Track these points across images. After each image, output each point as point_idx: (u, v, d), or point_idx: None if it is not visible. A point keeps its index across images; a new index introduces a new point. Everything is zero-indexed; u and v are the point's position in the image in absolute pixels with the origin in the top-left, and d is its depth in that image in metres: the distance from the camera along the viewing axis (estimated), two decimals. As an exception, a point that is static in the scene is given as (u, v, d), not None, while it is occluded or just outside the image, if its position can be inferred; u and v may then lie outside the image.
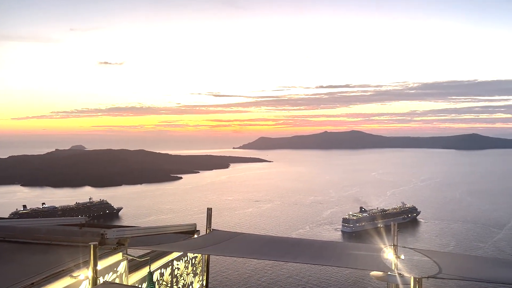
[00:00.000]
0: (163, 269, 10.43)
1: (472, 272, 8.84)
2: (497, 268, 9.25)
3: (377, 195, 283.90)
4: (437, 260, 8.26)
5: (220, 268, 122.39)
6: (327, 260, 9.77)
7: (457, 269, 8.74)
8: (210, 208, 12.15)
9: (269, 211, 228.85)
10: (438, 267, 7.85)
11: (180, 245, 10.79)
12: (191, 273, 11.82)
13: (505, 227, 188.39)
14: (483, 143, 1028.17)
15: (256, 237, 11.87)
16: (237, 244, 10.98)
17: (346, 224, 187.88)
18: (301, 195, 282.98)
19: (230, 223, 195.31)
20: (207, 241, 11.01)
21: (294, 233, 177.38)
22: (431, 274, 7.37)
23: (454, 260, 9.79)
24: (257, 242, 11.43)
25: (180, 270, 11.21)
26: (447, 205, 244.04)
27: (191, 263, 11.75)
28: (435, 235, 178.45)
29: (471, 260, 10.92)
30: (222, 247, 10.45)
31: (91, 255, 7.59)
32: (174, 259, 10.90)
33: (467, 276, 8.52)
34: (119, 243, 9.19)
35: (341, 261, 9.67)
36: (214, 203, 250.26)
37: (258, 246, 10.95)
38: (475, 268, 9.17)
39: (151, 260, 9.82)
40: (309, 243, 11.32)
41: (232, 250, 10.89)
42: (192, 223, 12.18)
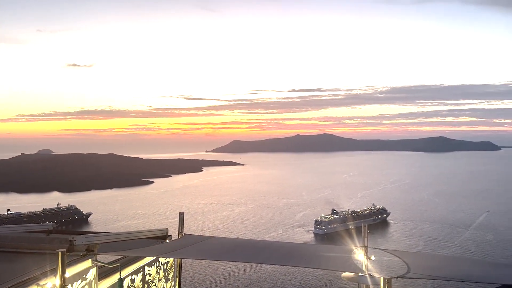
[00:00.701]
0: (134, 275, 10.25)
1: (440, 271, 9.12)
2: (463, 266, 9.58)
3: (348, 197, 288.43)
4: (406, 260, 8.48)
5: (193, 273, 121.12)
6: (298, 261, 9.87)
7: (425, 268, 9.00)
8: (182, 213, 12.06)
9: (242, 214, 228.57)
10: (407, 267, 8.06)
11: (151, 250, 10.65)
12: (163, 279, 11.66)
13: (470, 227, 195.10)
14: (449, 146, 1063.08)
15: (228, 240, 11.88)
16: (209, 247, 10.96)
17: (318, 226, 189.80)
18: (274, 198, 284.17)
19: (203, 227, 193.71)
20: (179, 246, 10.93)
21: (267, 236, 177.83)
22: (400, 274, 7.56)
23: (422, 260, 10.08)
24: (229, 245, 11.46)
25: (151, 275, 11.04)
26: (416, 206, 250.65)
27: (163, 269, 11.60)
28: (404, 236, 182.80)
29: (438, 259, 11.27)
30: (194, 251, 10.40)
31: (58, 262, 7.37)
32: (146, 264, 10.73)
33: (435, 275, 8.78)
34: (88, 250, 8.98)
35: (312, 263, 9.79)
36: (187, 207, 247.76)
37: (230, 248, 10.98)
38: (442, 267, 9.47)
39: (121, 266, 9.63)
40: (281, 245, 11.40)
41: (204, 253, 10.88)
42: (163, 228, 12.04)
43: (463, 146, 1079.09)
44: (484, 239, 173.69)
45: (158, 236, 11.93)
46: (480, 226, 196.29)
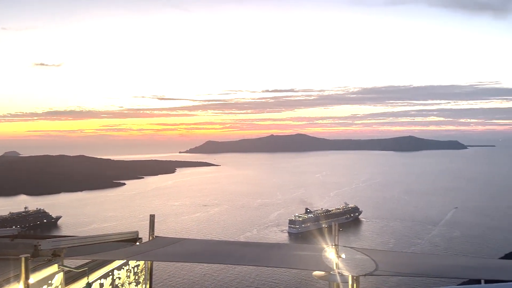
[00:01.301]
0: (103, 279, 10.01)
1: (407, 267, 9.35)
2: (430, 263, 9.85)
3: (321, 196, 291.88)
4: (374, 257, 8.65)
5: (164, 275, 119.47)
6: (270, 262, 9.90)
7: (393, 265, 9.22)
8: (153, 215, 11.86)
9: (216, 215, 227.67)
10: (375, 265, 8.22)
11: (120, 253, 10.43)
12: (134, 282, 11.44)
13: (438, 224, 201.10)
14: (418, 145, 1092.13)
15: (200, 242, 11.78)
16: (181, 250, 10.83)
17: (292, 225, 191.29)
18: (249, 198, 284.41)
19: (176, 229, 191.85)
20: (149, 248, 10.75)
21: (242, 236, 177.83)
22: (369, 271, 7.69)
23: (390, 257, 10.31)
24: (201, 247, 11.36)
25: (121, 279, 10.81)
26: (387, 204, 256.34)
27: (133, 272, 11.38)
28: (376, 234, 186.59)
29: (406, 257, 11.55)
30: (165, 253, 10.26)
31: (22, 268, 7.13)
32: (115, 268, 10.50)
33: (402, 271, 8.98)
34: (55, 254, 8.72)
35: (284, 262, 9.85)
36: (160, 209, 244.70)
37: (202, 250, 10.88)
38: (410, 263, 9.72)
39: (89, 270, 9.39)
40: (253, 246, 11.39)
41: (175, 256, 10.73)
42: (134, 231, 11.80)
43: (432, 145, 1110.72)
44: (452, 235, 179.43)
45: (128, 239, 11.69)
46: (448, 223, 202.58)
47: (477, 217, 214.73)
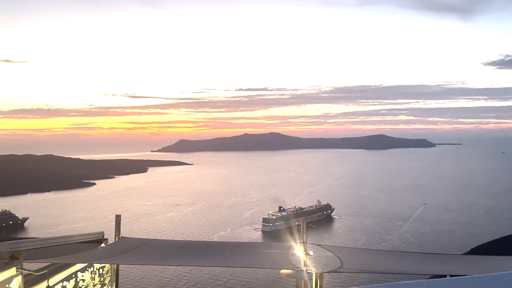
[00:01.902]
0: (65, 282, 9.65)
1: (372, 265, 9.47)
2: (394, 260, 10.00)
3: (295, 194, 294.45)
4: (340, 255, 8.71)
5: (133, 276, 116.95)
6: (238, 262, 9.78)
7: (358, 262, 9.31)
8: (118, 215, 11.56)
9: (190, 215, 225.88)
10: (341, 262, 8.28)
11: (84, 256, 10.07)
12: (99, 284, 11.10)
13: (408, 220, 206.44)
14: (389, 143, 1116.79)
15: (168, 243, 11.52)
16: (148, 252, 10.55)
17: (266, 223, 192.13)
18: (223, 197, 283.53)
19: (148, 229, 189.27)
20: (114, 250, 10.42)
21: (216, 236, 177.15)
22: (333, 268, 7.73)
23: (356, 254, 10.40)
24: (169, 248, 11.08)
25: (85, 281, 10.47)
26: (358, 202, 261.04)
27: (98, 274, 11.03)
28: (348, 231, 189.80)
29: (371, 254, 11.70)
30: (131, 255, 9.96)
31: (-25, 272, 6.77)
32: (79, 270, 10.15)
33: (366, 269, 9.11)
34: (13, 257, 8.34)
35: (252, 262, 9.76)
36: (132, 209, 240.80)
37: (170, 252, 10.63)
38: (375, 260, 9.84)
39: (51, 273, 9.03)
40: (223, 245, 11.24)
41: (141, 258, 10.43)
42: (99, 232, 11.44)
43: (401, 143, 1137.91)
44: (421, 231, 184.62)
45: (92, 240, 11.33)
46: (417, 219, 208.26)
47: (444, 213, 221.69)
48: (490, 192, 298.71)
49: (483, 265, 10.47)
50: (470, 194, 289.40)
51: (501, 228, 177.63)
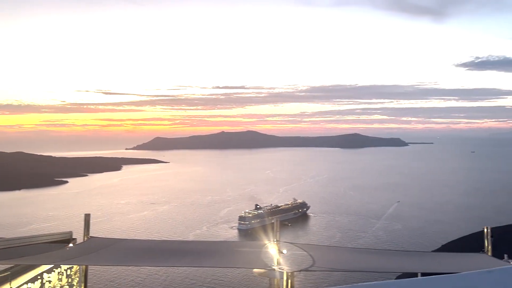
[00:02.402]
0: (30, 283, 9.21)
1: (343, 263, 9.48)
2: (365, 258, 10.05)
3: (271, 192, 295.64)
4: (312, 253, 8.66)
5: (103, 277, 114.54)
6: (210, 262, 9.58)
7: (329, 261, 9.30)
8: (88, 214, 11.16)
9: (165, 213, 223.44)
10: (312, 260, 8.24)
11: (50, 257, 9.63)
12: (66, 285, 10.67)
13: (381, 218, 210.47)
14: (363, 142, 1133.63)
15: (138, 242, 11.22)
16: (117, 252, 10.18)
17: (242, 221, 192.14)
18: (199, 195, 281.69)
19: (122, 228, 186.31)
20: (83, 250, 10.05)
21: (191, 234, 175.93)
22: (305, 267, 7.68)
23: (327, 253, 10.40)
24: (139, 248, 10.73)
25: (52, 283, 10.04)
26: (333, 200, 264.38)
27: (66, 275, 10.60)
28: (323, 228, 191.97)
29: (343, 252, 11.73)
30: (99, 256, 9.61)
31: None
32: (44, 271, 9.71)
33: (337, 267, 9.14)
34: (-28, 259, 7.92)
35: (224, 261, 9.60)
36: (105, 207, 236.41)
37: (140, 252, 10.29)
38: (347, 259, 9.86)
39: (14, 275, 8.59)
40: (195, 245, 11.05)
41: (110, 259, 10.06)
42: (67, 231, 11.02)
43: (375, 142, 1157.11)
44: (394, 228, 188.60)
45: (60, 240, 10.91)
46: (390, 217, 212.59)
47: (416, 211, 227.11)
48: (459, 190, 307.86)
49: (452, 262, 10.69)
50: (441, 192, 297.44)
51: (470, 225, 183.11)
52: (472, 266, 10.94)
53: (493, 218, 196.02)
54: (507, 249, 28.48)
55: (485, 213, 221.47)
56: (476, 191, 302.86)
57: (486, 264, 10.47)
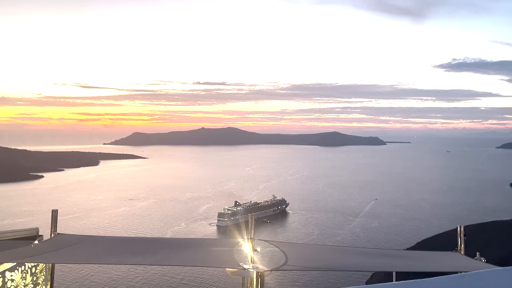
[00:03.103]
0: (-10, 282, 8.80)
1: (316, 261, 9.32)
2: (340, 256, 9.94)
3: (251, 189, 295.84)
4: (285, 251, 8.48)
5: (71, 274, 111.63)
6: (180, 260, 9.28)
7: (302, 259, 9.12)
8: (55, 210, 10.67)
9: (143, 210, 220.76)
10: (285, 258, 8.05)
11: (12, 254, 9.15)
12: (31, 284, 10.22)
13: (359, 215, 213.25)
14: (342, 140, 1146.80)
15: (107, 239, 10.76)
16: (84, 249, 9.76)
17: (221, 218, 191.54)
18: (178, 191, 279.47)
19: (99, 225, 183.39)
20: (48, 248, 9.59)
21: (170, 231, 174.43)
22: (277, 266, 7.50)
23: (301, 251, 10.21)
24: (107, 245, 10.29)
25: (15, 281, 9.59)
26: (312, 197, 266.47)
27: (31, 273, 10.13)
28: (301, 225, 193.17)
29: (316, 250, 11.59)
30: (65, 253, 9.19)
31: None
32: (7, 269, 9.26)
33: (310, 266, 8.96)
34: None
35: (195, 260, 9.30)
36: (82, 203, 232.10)
37: (108, 249, 9.87)
38: (320, 257, 9.70)
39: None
40: (166, 242, 10.66)
41: (76, 257, 9.61)
42: (33, 228, 10.53)
43: (354, 141, 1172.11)
44: (371, 225, 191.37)
45: (25, 236, 10.42)
46: (367, 214, 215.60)
47: (393, 208, 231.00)
48: (435, 188, 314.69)
49: (426, 261, 10.69)
50: (417, 190, 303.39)
51: (445, 223, 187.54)
52: (445, 265, 10.98)
53: (466, 216, 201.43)
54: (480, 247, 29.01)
55: (459, 211, 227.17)
56: (450, 189, 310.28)
57: (459, 263, 10.52)
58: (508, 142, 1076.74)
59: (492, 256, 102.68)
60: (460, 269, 10.09)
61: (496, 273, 6.34)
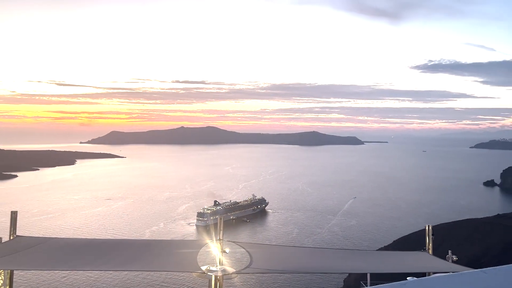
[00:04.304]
0: None
1: (281, 263, 9.09)
2: (309, 258, 9.73)
3: (231, 188, 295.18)
4: (251, 253, 8.23)
5: (32, 279, 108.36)
6: (140, 265, 8.84)
7: (267, 261, 8.86)
8: (15, 212, 10.13)
9: (121, 209, 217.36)
10: (250, 260, 7.82)
11: None
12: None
13: (337, 214, 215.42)
14: (321, 140, 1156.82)
15: (68, 242, 10.22)
16: (43, 254, 9.20)
17: (201, 218, 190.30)
18: (156, 191, 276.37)
19: (75, 225, 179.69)
20: (4, 251, 9.06)
21: (148, 231, 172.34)
22: (241, 268, 7.27)
23: (267, 252, 9.93)
24: (67, 248, 9.71)
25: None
26: (291, 196, 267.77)
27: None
28: (281, 224, 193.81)
29: (286, 251, 11.37)
30: (21, 258, 8.64)
31: None
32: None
33: (275, 268, 8.77)
34: None
35: (157, 264, 8.88)
36: (57, 203, 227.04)
37: (71, 253, 9.31)
38: (288, 259, 9.45)
39: None
40: (130, 244, 10.19)
41: (32, 261, 9.00)
42: (-9, 230, 10.01)
43: (333, 140, 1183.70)
44: (349, 224, 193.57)
45: (-18, 239, 9.85)
46: (346, 213, 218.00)
47: (370, 207, 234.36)
48: (411, 187, 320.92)
49: (396, 261, 10.66)
50: (394, 189, 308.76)
51: (420, 221, 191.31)
52: (413, 265, 10.98)
53: (442, 215, 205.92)
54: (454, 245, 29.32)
55: (435, 209, 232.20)
56: (427, 188, 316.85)
57: (425, 263, 10.54)
58: (481, 142, 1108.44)
59: (465, 254, 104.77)
60: (427, 269, 10.12)
61: (441, 279, 6.38)
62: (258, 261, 7.99)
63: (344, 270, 13.19)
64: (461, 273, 6.38)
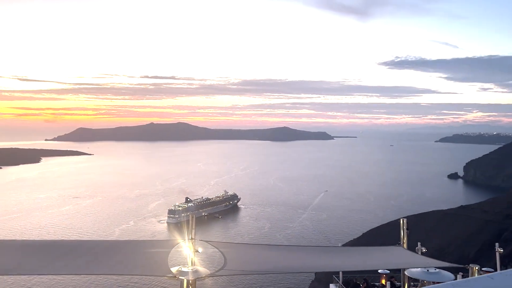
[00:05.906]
0: None
1: (257, 263, 8.92)
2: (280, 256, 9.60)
3: (202, 185, 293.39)
4: (225, 253, 8.02)
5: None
6: (104, 268, 8.29)
7: (241, 262, 8.67)
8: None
9: (89, 208, 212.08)
10: (224, 261, 7.62)
11: None
12: None
13: (308, 208, 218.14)
14: (292, 135, 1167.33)
15: (22, 243, 9.41)
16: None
17: (172, 215, 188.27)
18: (126, 189, 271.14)
19: (41, 225, 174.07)
20: None
21: (117, 229, 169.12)
22: (215, 269, 7.06)
23: (241, 252, 9.71)
24: (21, 250, 8.88)
25: None
26: (263, 191, 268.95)
27: None
28: (253, 219, 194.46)
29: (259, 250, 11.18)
30: None
31: None
32: None
33: (249, 269, 8.59)
34: None
35: (126, 267, 8.37)
36: (22, 203, 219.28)
37: (23, 256, 8.53)
38: (260, 258, 9.27)
39: None
40: (94, 244, 9.59)
41: None
42: None
43: (304, 136, 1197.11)
44: (320, 217, 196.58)
45: None
46: (316, 207, 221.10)
47: (341, 201, 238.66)
48: (379, 181, 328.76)
49: (370, 257, 10.68)
50: (363, 183, 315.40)
51: (388, 214, 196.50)
52: (388, 261, 11.05)
53: (409, 207, 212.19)
54: (421, 237, 30.04)
55: (402, 202, 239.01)
56: (394, 181, 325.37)
57: (400, 258, 10.61)
58: (446, 136, 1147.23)
59: (432, 245, 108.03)
60: (402, 265, 10.16)
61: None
62: (232, 262, 7.80)
63: (322, 269, 13.23)
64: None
